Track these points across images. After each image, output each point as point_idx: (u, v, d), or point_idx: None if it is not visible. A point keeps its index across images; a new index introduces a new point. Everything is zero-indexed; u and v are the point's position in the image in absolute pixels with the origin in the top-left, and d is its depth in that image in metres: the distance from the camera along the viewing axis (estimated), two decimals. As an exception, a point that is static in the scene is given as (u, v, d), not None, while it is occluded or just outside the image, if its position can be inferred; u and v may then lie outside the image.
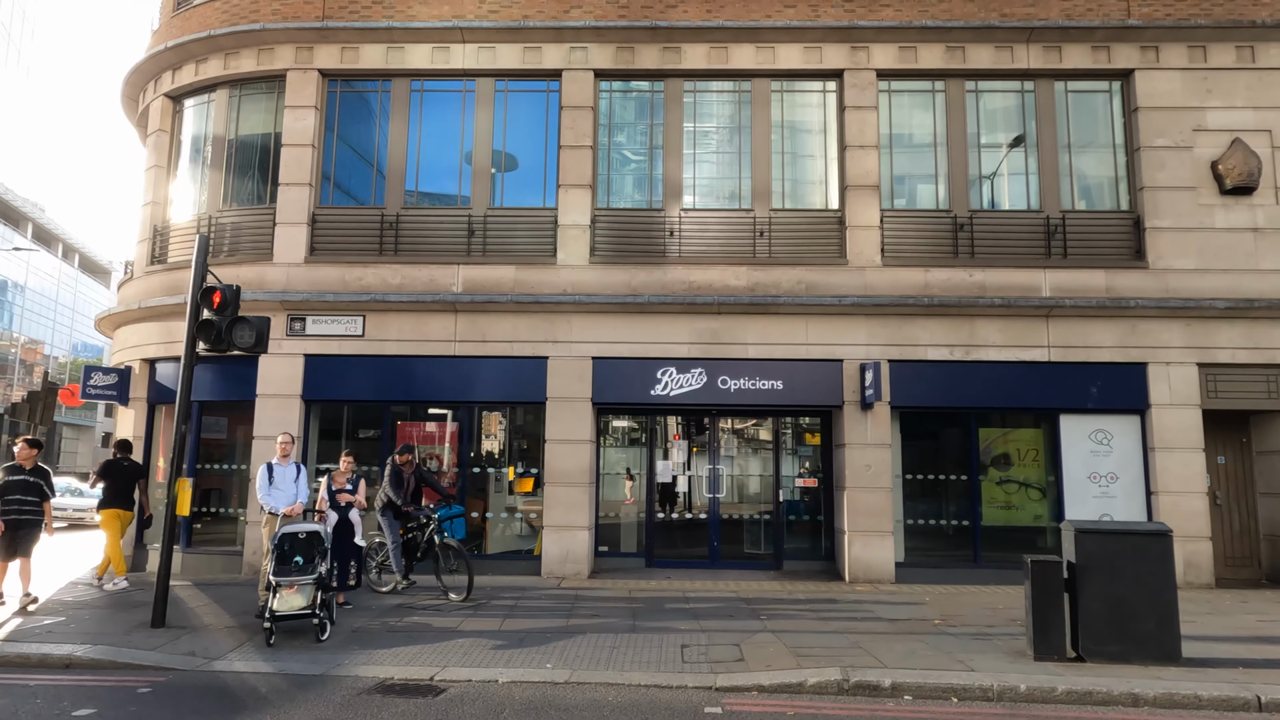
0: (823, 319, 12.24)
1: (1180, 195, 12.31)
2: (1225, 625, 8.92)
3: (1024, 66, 12.71)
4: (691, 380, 12.26)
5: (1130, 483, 12.03)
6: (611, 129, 13.33)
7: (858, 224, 12.47)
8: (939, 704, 6.32)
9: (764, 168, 12.84)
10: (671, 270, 12.47)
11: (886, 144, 12.94)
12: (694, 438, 13.34)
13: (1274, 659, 7.37)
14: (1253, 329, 12.03)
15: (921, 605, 10.01)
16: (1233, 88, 12.53)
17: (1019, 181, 12.87)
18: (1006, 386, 12.12)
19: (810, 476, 13.08)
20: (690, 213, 12.80)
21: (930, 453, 12.67)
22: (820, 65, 12.84)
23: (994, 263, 12.35)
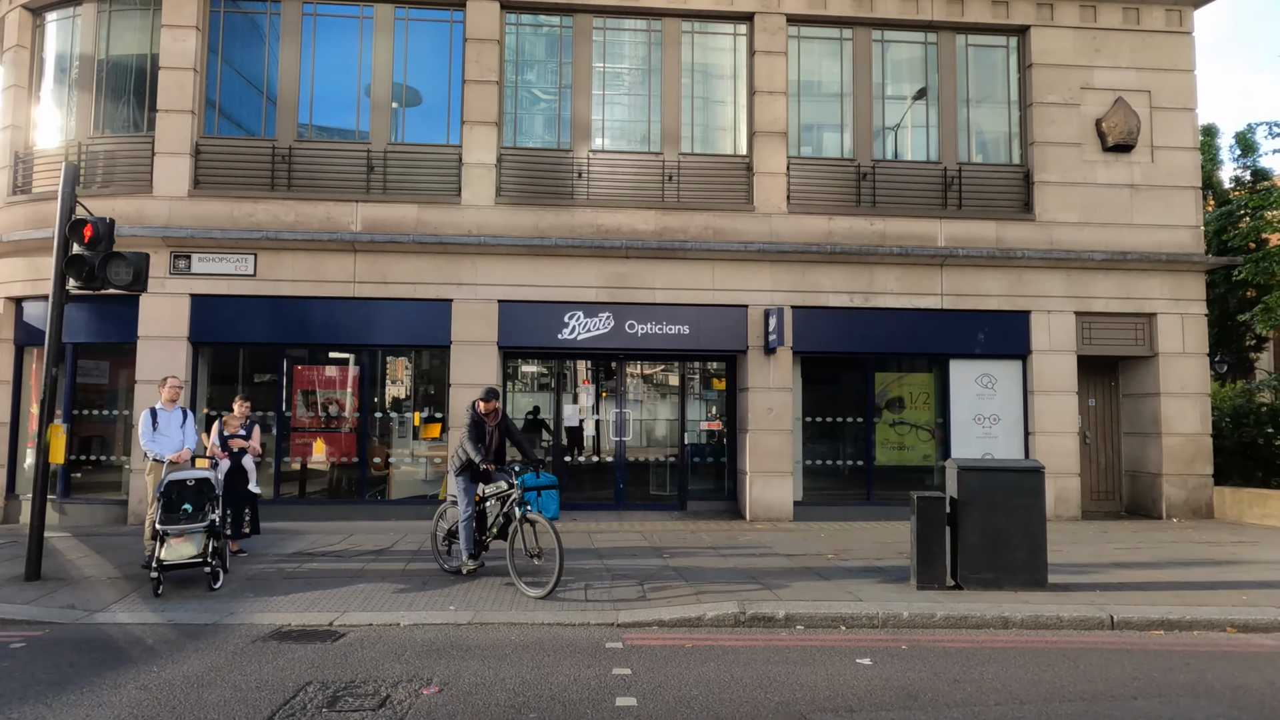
0: (729, 265, 12.37)
1: (1067, 151, 12.88)
2: (1088, 553, 9.68)
3: (928, 18, 12.93)
4: (599, 324, 12.24)
5: (1011, 423, 12.78)
6: (520, 65, 12.92)
7: (765, 170, 12.56)
8: (829, 632, 6.65)
9: (674, 111, 12.73)
10: (580, 213, 12.31)
11: (795, 91, 13.01)
12: (602, 382, 13.40)
13: (1127, 583, 8.05)
14: (1126, 280, 12.83)
15: (817, 541, 10.46)
16: (1118, 48, 13.10)
17: (920, 133, 13.19)
18: (902, 332, 12.60)
19: (715, 420, 13.36)
20: (599, 155, 12.61)
21: (830, 396, 13.11)
22: (731, 7, 12.72)
23: (894, 212, 12.70)
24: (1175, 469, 12.68)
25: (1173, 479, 12.68)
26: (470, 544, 8.15)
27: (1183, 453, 12.72)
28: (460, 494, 8.24)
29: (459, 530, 8.23)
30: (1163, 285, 12.87)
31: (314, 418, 12.41)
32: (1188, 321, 12.90)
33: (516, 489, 7.90)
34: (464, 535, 8.16)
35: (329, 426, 12.39)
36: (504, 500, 8.12)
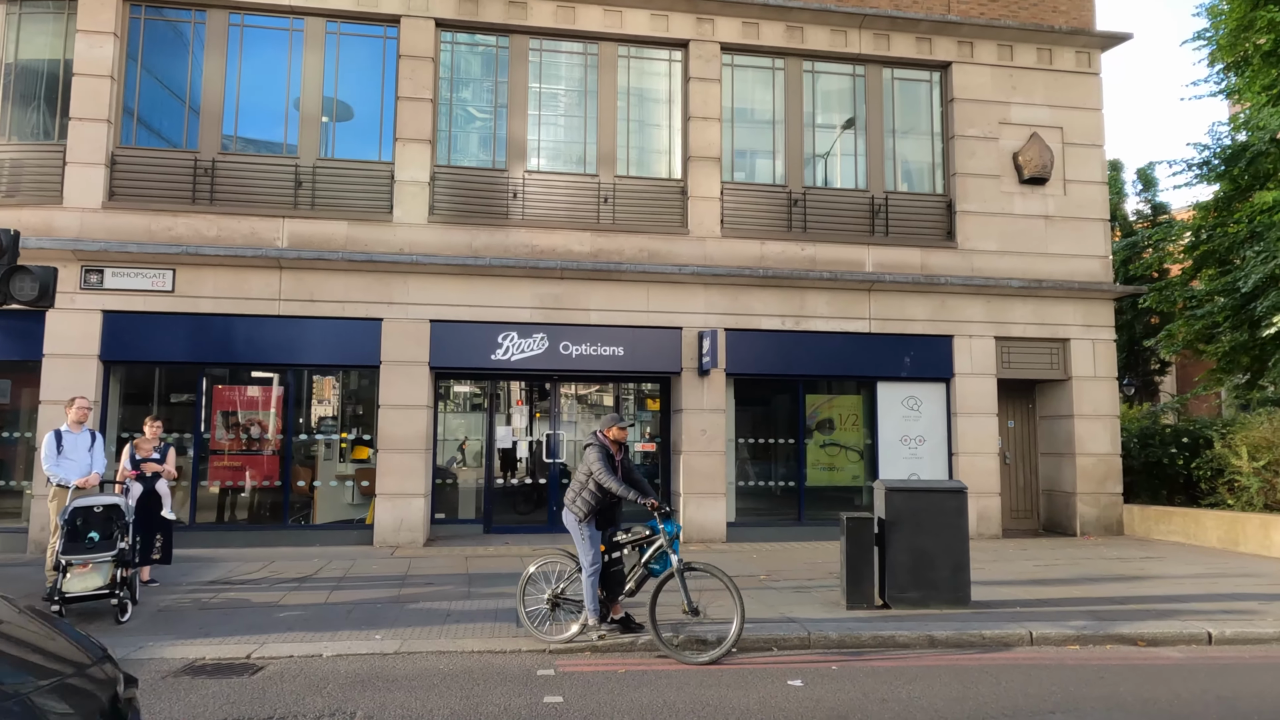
0: (664, 287, 12.45)
1: (986, 182, 13.43)
2: (1008, 571, 9.99)
3: (856, 51, 13.35)
4: (533, 345, 12.15)
5: (935, 445, 13.15)
6: (455, 83, 12.83)
7: (700, 195, 12.73)
8: (761, 655, 6.69)
9: (610, 133, 12.81)
10: (514, 233, 12.24)
11: (729, 117, 13.24)
12: (536, 403, 13.28)
13: (1045, 599, 8.34)
14: (1041, 307, 13.40)
15: (750, 563, 10.53)
16: (1033, 86, 13.76)
17: (849, 162, 13.58)
18: (832, 355, 12.87)
19: (649, 441, 13.37)
20: (535, 175, 12.58)
21: (762, 418, 13.28)
22: (667, 34, 12.91)
23: (824, 238, 13.00)
24: (1088, 488, 13.23)
25: (1086, 497, 13.22)
26: (596, 603, 6.77)
27: (1095, 472, 13.28)
28: (584, 542, 6.78)
29: (584, 587, 6.75)
30: (1075, 312, 13.48)
31: (235, 440, 11.94)
32: (1098, 347, 13.53)
33: (663, 535, 6.77)
34: (589, 593, 6.73)
35: (250, 449, 11.94)
36: (642, 548, 6.93)
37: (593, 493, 6.82)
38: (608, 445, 7.00)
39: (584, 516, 6.81)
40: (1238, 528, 11.75)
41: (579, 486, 6.91)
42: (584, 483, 6.88)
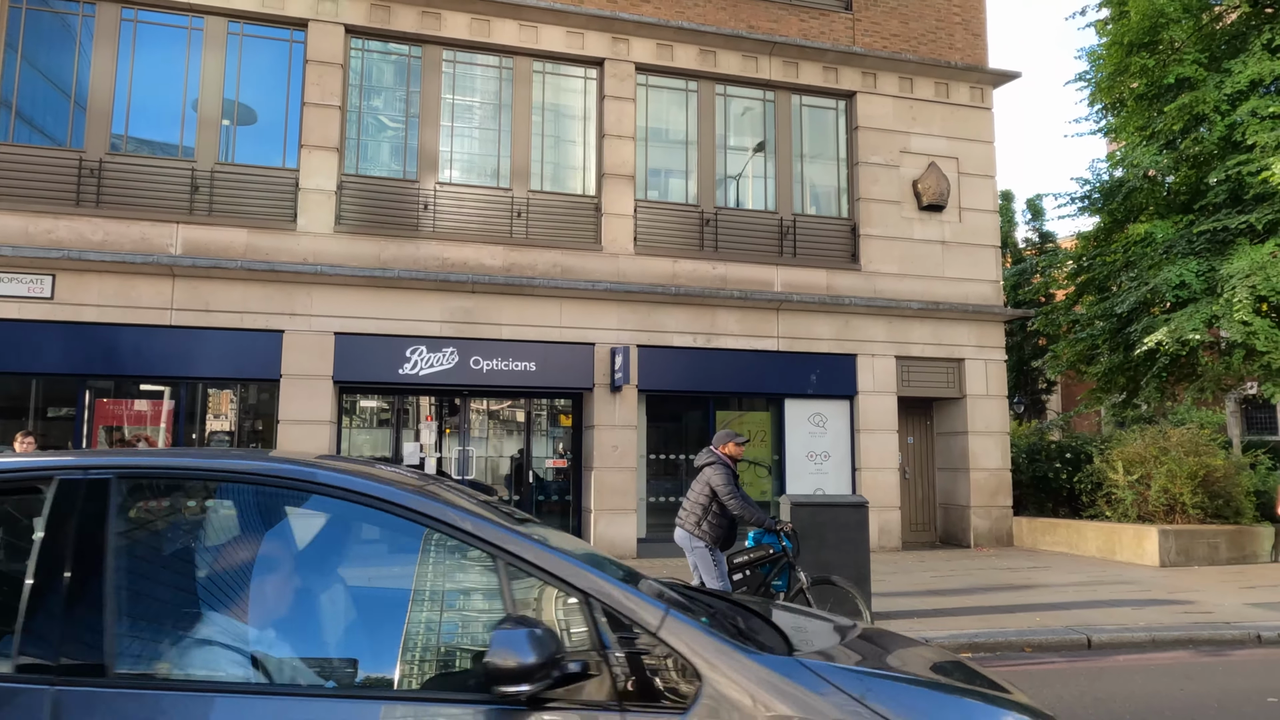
0: (577, 302, 12.45)
1: (888, 208, 13.99)
2: (907, 582, 10.35)
3: (767, 77, 13.74)
4: (443, 360, 11.94)
5: (840, 460, 13.55)
6: (366, 91, 12.56)
7: (613, 212, 12.81)
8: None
9: (524, 148, 12.76)
10: (425, 245, 12.03)
11: (643, 136, 13.40)
12: (446, 419, 13.03)
13: (941, 608, 8.67)
14: (939, 328, 14.02)
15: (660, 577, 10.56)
16: (931, 118, 14.44)
17: (759, 184, 13.93)
18: (742, 373, 13.11)
19: (560, 457, 13.30)
20: (447, 187, 12.41)
21: (673, 434, 13.40)
22: (582, 51, 12.98)
23: (735, 258, 13.27)
24: (981, 501, 13.87)
25: (979, 511, 13.85)
26: None
27: (987, 486, 13.94)
28: (710, 567, 6.50)
29: None
30: (969, 333, 14.16)
31: (118, 456, 11.24)
32: (990, 367, 14.24)
33: (787, 552, 6.61)
34: None
35: (136, 466, 11.26)
36: (764, 567, 6.76)
37: (718, 515, 6.53)
38: (730, 464, 6.66)
39: (712, 542, 6.50)
40: (1114, 538, 12.52)
41: (700, 510, 6.57)
42: (706, 505, 6.53)
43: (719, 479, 6.51)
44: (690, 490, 6.76)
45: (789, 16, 13.95)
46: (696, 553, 6.56)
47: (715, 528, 6.50)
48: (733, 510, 6.50)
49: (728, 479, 6.52)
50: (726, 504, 6.47)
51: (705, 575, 6.50)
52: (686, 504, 6.71)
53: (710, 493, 6.54)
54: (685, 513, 6.66)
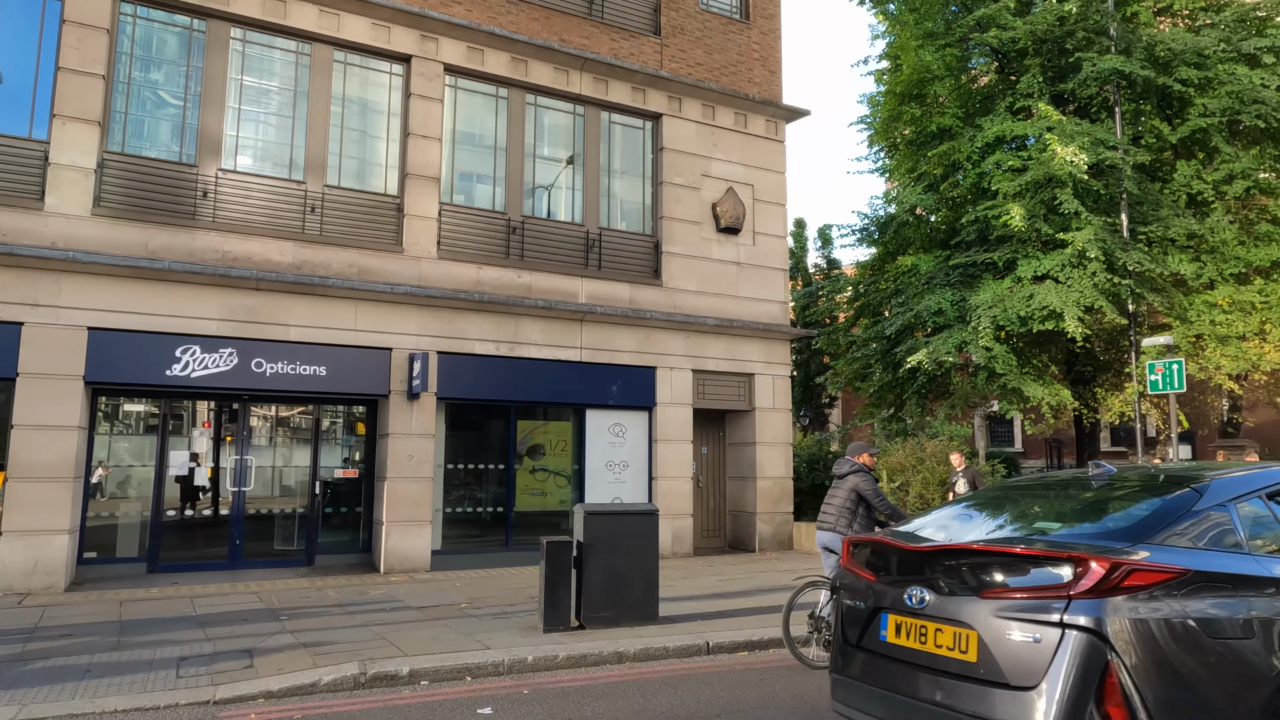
0: (374, 306, 11.93)
1: (689, 227, 14.62)
2: (696, 586, 10.80)
3: (577, 91, 13.92)
4: (220, 361, 11.01)
5: (638, 469, 13.92)
6: (143, 62, 11.38)
7: (416, 213, 12.43)
8: (454, 684, 6.56)
9: (321, 140, 12.09)
10: (203, 236, 11.06)
11: (451, 139, 13.12)
12: (225, 425, 12.00)
13: (724, 610, 9.12)
14: (732, 344, 14.80)
15: (452, 591, 10.33)
16: (730, 145, 15.28)
17: (567, 195, 14.07)
18: (545, 382, 13.13)
19: (351, 467, 12.66)
20: (232, 175, 11.49)
21: (474, 443, 13.17)
22: (388, 46, 12.52)
23: (541, 267, 13.30)
24: (766, 508, 14.76)
25: (764, 517, 14.73)
26: None
27: (771, 494, 14.86)
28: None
29: None
30: (759, 350, 15.08)
31: None
32: (777, 382, 15.23)
33: None
34: None
35: None
36: None
37: (865, 516, 7.24)
38: (869, 470, 7.33)
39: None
40: (879, 539, 13.75)
41: (849, 513, 7.28)
42: (853, 509, 7.27)
43: (867, 485, 7.33)
44: (833, 497, 7.48)
45: (601, 35, 14.25)
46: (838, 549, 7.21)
47: (864, 528, 7.20)
48: (882, 511, 7.33)
49: (873, 484, 7.35)
50: (876, 505, 7.29)
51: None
52: (830, 509, 7.43)
53: (857, 497, 7.33)
54: (831, 517, 7.38)
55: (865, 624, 4.11)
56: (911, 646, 3.80)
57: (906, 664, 3.81)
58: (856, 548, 4.49)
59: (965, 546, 3.80)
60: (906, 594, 3.84)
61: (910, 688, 3.74)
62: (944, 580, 3.75)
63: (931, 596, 3.74)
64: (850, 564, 4.46)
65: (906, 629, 3.86)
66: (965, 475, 12.33)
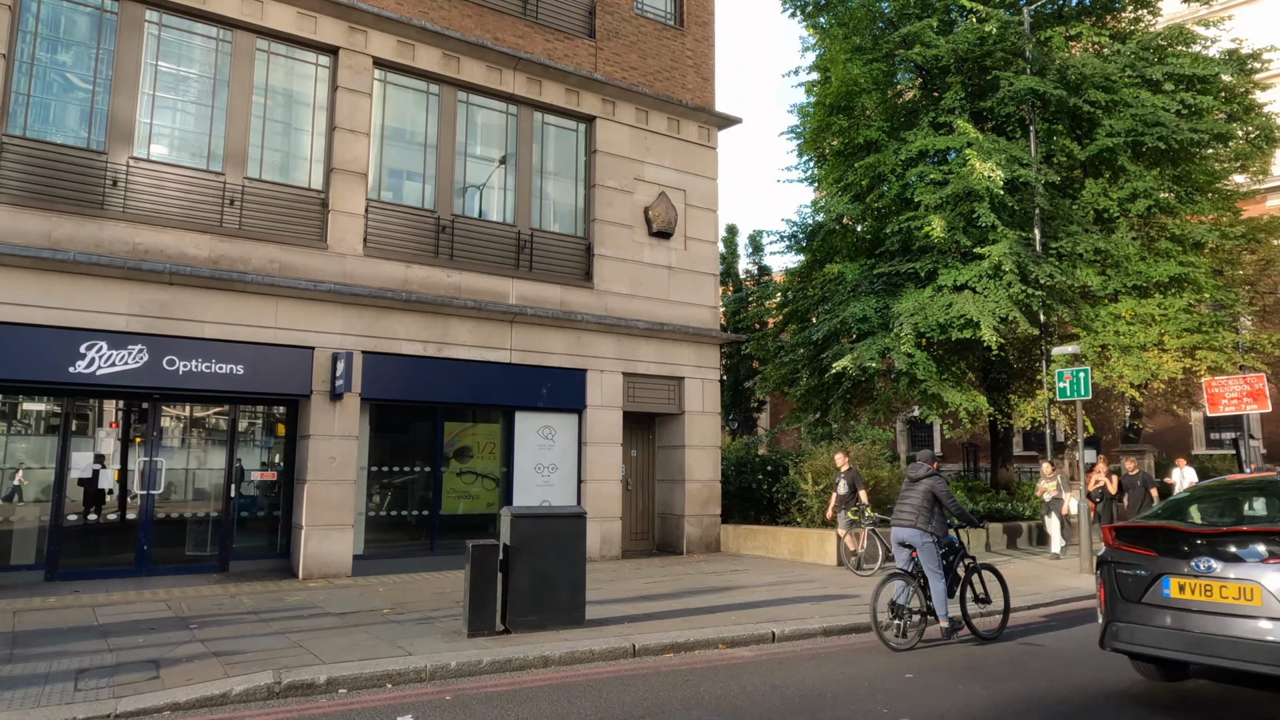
0: (297, 303, 11.58)
1: (621, 231, 14.65)
2: (623, 589, 10.80)
3: (510, 91, 13.81)
4: (129, 358, 10.51)
5: (567, 472, 13.86)
6: (50, 42, 10.82)
7: (342, 209, 12.12)
8: (373, 692, 6.41)
9: (242, 130, 11.68)
10: (112, 227, 10.55)
11: (379, 134, 12.85)
12: (133, 426, 11.46)
13: (651, 613, 9.15)
14: (663, 347, 14.89)
15: (374, 596, 10.09)
16: (663, 150, 15.38)
17: (499, 195, 13.93)
18: (474, 384, 12.96)
19: (270, 469, 12.25)
20: (144, 163, 11.00)
21: (399, 445, 12.90)
22: (315, 36, 12.19)
23: (471, 267, 13.13)
24: (694, 510, 14.88)
25: (692, 519, 14.85)
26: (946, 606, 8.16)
27: (700, 496, 14.99)
28: (934, 555, 8.11)
29: (937, 598, 8.08)
30: (690, 354, 15.20)
31: None
32: (707, 386, 15.38)
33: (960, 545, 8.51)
34: (941, 600, 8.10)
35: None
36: (960, 556, 8.46)
37: (940, 515, 8.16)
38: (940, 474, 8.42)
39: (937, 536, 8.10)
40: (804, 541, 14.03)
41: (927, 512, 8.12)
42: (930, 508, 8.14)
43: (941, 488, 8.22)
44: (910, 497, 8.28)
45: (535, 35, 14.16)
46: (926, 545, 8.09)
47: (940, 525, 8.16)
48: (952, 510, 8.26)
49: (945, 486, 8.26)
50: (948, 505, 8.20)
51: (926, 560, 8.10)
52: (909, 508, 8.23)
53: (933, 498, 8.17)
54: (911, 515, 8.18)
55: (1147, 586, 5.84)
56: (1196, 599, 5.56)
57: (1191, 611, 5.56)
58: (1124, 533, 6.27)
59: (1247, 530, 5.55)
60: (1194, 562, 5.59)
61: (1196, 625, 5.51)
62: (1230, 550, 5.50)
63: (1218, 564, 5.49)
64: (1121, 544, 6.18)
65: (1191, 587, 5.60)
66: (846, 476, 12.84)
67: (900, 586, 8.00)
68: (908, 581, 8.01)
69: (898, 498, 8.52)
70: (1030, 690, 6.59)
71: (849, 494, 12.75)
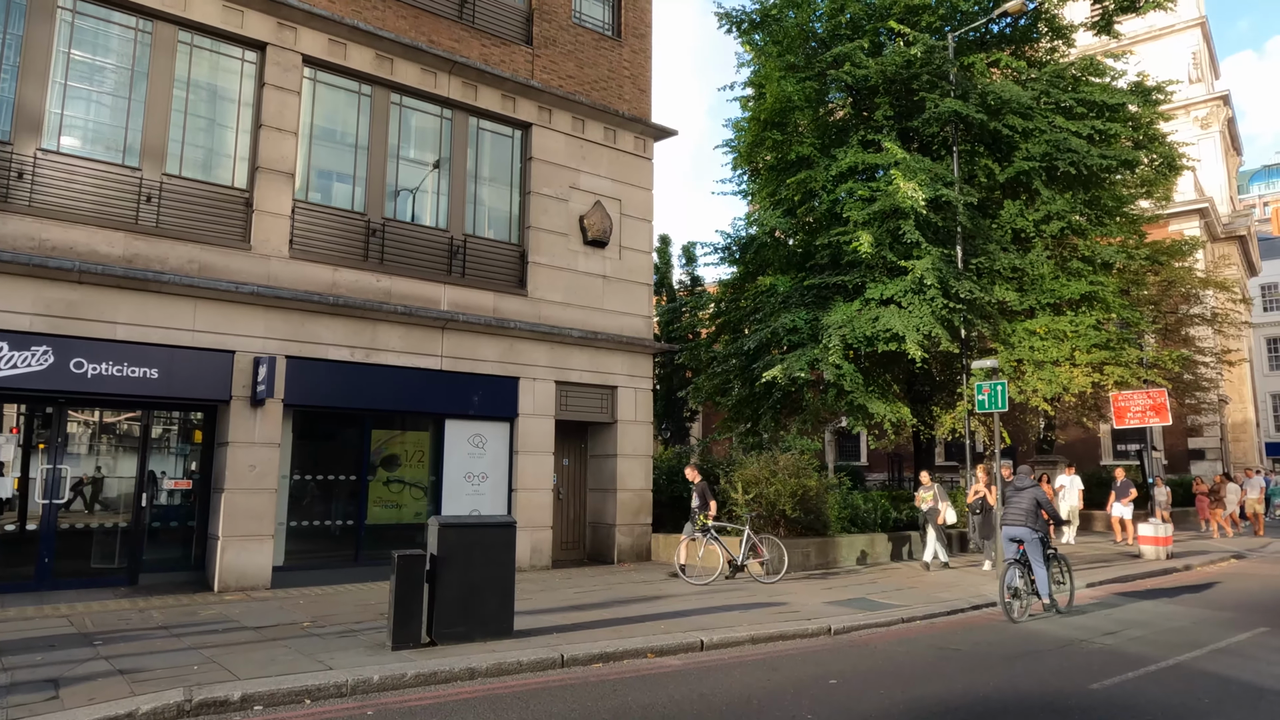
0: (216, 305, 11.18)
1: (556, 239, 14.60)
2: (553, 599, 10.72)
3: (445, 94, 13.64)
4: (33, 360, 9.97)
5: (498, 481, 13.70)
6: (-55, 24, 10.18)
7: (267, 209, 11.76)
8: (291, 709, 6.21)
9: (160, 125, 11.23)
10: (17, 221, 10.01)
11: (308, 134, 12.53)
12: (36, 431, 10.86)
13: (580, 623, 9.10)
14: (596, 356, 14.87)
15: (295, 609, 9.77)
16: (599, 159, 15.41)
17: (431, 199, 13.73)
18: (403, 391, 12.71)
19: (185, 478, 11.76)
20: (53, 155, 10.48)
21: (324, 453, 12.55)
22: (241, 30, 11.83)
23: (401, 272, 12.90)
24: (626, 520, 14.88)
25: (624, 528, 14.85)
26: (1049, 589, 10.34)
27: (631, 505, 15.00)
28: (1040, 550, 10.24)
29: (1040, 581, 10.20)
30: (623, 363, 15.22)
31: None
32: (639, 395, 15.43)
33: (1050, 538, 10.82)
34: (1047, 585, 10.24)
35: None
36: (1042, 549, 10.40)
37: (1040, 518, 10.31)
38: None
39: (1043, 536, 10.33)
40: (735, 549, 14.13)
41: (1033, 515, 10.24)
42: (1035, 511, 10.26)
43: (1044, 496, 10.41)
44: (1019, 503, 10.35)
45: (471, 39, 14.04)
46: (1033, 542, 10.20)
47: (1044, 526, 10.37)
48: (1051, 514, 10.58)
49: (1045, 495, 10.45)
50: (1047, 510, 10.44)
51: (1033, 552, 10.22)
52: (1019, 511, 10.29)
53: (1036, 504, 10.28)
54: (1021, 516, 10.27)
55: None
56: None
57: None
58: None
59: None
60: None
61: None
62: None
63: None
64: None
65: None
66: (697, 490, 13.41)
67: (1017, 573, 10.06)
68: (1020, 570, 10.09)
69: (1006, 503, 10.63)
70: (945, 690, 6.79)
71: (700, 505, 13.15)
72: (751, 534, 13.06)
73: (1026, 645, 8.72)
